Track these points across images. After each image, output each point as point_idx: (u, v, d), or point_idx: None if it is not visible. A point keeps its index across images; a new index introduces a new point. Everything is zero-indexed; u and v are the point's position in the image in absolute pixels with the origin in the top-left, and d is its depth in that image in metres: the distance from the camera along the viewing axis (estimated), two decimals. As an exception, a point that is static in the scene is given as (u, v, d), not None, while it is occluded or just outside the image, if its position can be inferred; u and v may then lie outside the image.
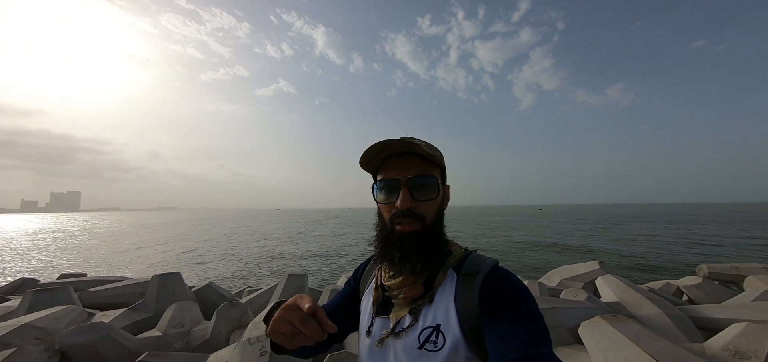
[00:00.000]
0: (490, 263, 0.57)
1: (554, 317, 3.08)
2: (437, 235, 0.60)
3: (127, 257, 17.29)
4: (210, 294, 3.95)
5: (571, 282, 5.18)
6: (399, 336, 0.54)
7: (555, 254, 15.40)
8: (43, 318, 2.56)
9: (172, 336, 2.51)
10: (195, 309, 3.12)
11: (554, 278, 5.50)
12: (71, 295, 3.48)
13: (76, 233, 37.53)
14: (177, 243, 23.66)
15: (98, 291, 4.16)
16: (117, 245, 23.61)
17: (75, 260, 16.85)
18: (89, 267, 14.10)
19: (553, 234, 24.71)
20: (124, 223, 63.51)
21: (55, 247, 22.81)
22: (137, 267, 14.20)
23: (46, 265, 15.24)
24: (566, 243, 19.47)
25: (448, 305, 0.53)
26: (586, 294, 3.92)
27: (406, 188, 0.56)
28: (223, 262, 15.08)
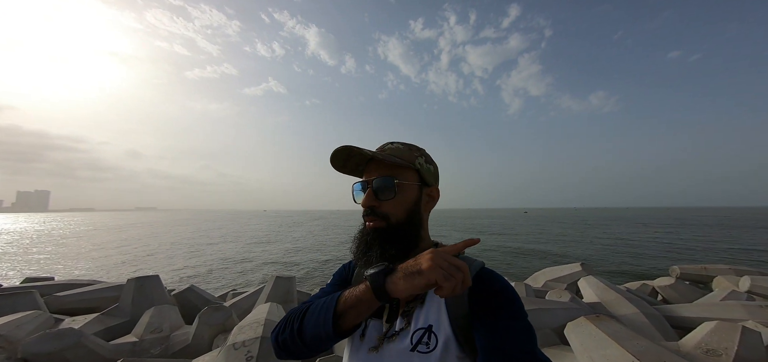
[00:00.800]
0: (478, 264, 0.60)
1: (540, 318, 3.16)
2: (404, 232, 0.63)
3: (97, 260, 16.30)
4: (192, 297, 3.78)
5: (555, 284, 5.35)
6: (392, 339, 0.56)
7: (539, 257, 15.85)
8: (4, 325, 2.35)
9: (149, 341, 2.37)
10: (175, 313, 2.97)
11: (540, 279, 5.66)
12: (36, 300, 3.23)
13: (43, 234, 35.07)
14: (152, 245, 22.56)
15: (67, 295, 3.88)
16: (86, 246, 22.23)
17: (42, 263, 15.72)
18: (57, 271, 13.19)
19: (537, 237, 25.47)
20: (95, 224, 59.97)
21: (18, 249, 21.21)
22: (110, 270, 13.41)
23: (9, 268, 14.13)
24: (549, 246, 20.11)
25: (440, 306, 0.56)
26: (569, 295, 4.04)
27: (371, 189, 0.63)
28: (205, 264, 14.51)
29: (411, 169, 0.65)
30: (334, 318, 0.52)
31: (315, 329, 0.55)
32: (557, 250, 18.23)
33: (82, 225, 52.87)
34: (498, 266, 13.19)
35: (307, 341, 0.56)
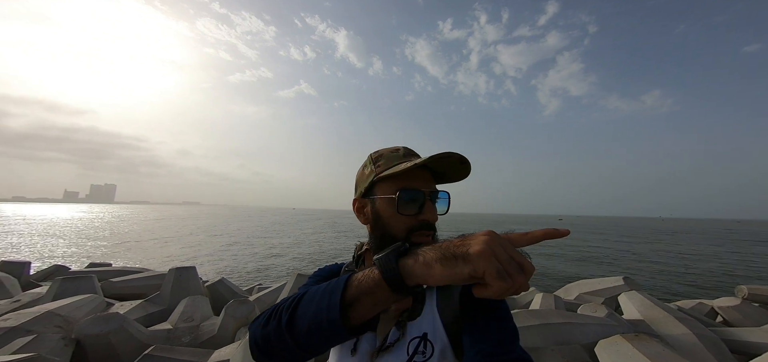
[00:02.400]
0: None
1: (569, 332, 2.92)
2: None
3: (148, 249, 18.24)
4: (222, 289, 4.06)
5: (591, 297, 4.92)
6: (387, 351, 0.53)
7: (574, 267, 14.72)
8: (65, 306, 2.70)
9: (181, 330, 2.58)
10: (206, 303, 3.20)
11: (572, 291, 5.25)
12: (94, 285, 3.67)
13: (107, 223, 40.12)
14: (197, 237, 24.74)
15: (119, 281, 4.38)
16: (142, 236, 25.01)
17: (105, 249, 17.97)
18: (116, 257, 14.97)
19: (572, 246, 23.64)
20: (150, 216, 67.27)
21: (88, 236, 24.48)
22: (158, 259, 14.93)
23: (80, 253, 16.36)
24: (586, 257, 18.57)
25: (433, 313, 0.55)
26: (606, 311, 3.70)
27: (430, 201, 0.58)
28: (236, 258, 15.56)
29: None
30: (343, 306, 0.39)
31: (315, 318, 0.40)
32: (596, 262, 16.78)
33: (139, 217, 59.72)
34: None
35: (300, 336, 0.41)
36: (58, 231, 27.36)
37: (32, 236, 23.26)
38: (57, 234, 24.79)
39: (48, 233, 25.69)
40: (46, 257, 14.60)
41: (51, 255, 15.38)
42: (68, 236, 23.59)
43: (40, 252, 16.21)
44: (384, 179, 0.60)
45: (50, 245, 19.13)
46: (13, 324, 2.10)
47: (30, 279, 5.18)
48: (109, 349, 2.02)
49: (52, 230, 27.80)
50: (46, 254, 15.80)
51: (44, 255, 15.29)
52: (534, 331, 2.89)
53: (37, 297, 3.33)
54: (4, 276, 4.11)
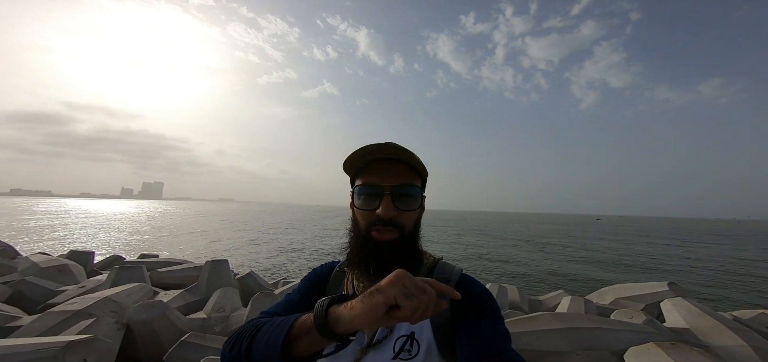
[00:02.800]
0: (458, 270, 0.62)
1: (598, 338, 2.76)
2: (414, 244, 0.61)
3: (189, 241, 19.98)
4: (250, 282, 4.36)
5: (629, 302, 4.57)
6: (374, 348, 0.55)
7: (613, 272, 13.61)
8: (120, 293, 3.08)
9: (214, 319, 2.83)
10: (236, 295, 3.46)
11: (607, 296, 4.90)
12: (144, 274, 4.13)
13: (155, 217, 44.54)
14: (232, 231, 26.62)
15: (164, 271, 4.88)
16: (185, 230, 27.46)
17: (152, 241, 20.01)
18: (161, 249, 16.61)
19: (611, 248, 21.84)
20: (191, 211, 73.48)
21: (139, 229, 27.40)
22: (196, 251, 16.31)
23: (133, 244, 18.38)
24: (627, 260, 17.06)
25: None
26: (644, 317, 3.43)
27: (389, 197, 0.56)
28: (263, 252, 16.50)
29: (420, 176, 0.62)
30: (285, 342, 0.45)
31: (265, 350, 0.46)
32: (637, 266, 15.34)
33: (181, 212, 65.58)
34: (548, 280, 11.83)
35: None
36: (116, 225, 30.92)
37: (95, 228, 26.55)
38: (115, 228, 28.03)
39: (108, 226, 29.14)
40: (106, 248, 16.62)
41: (110, 246, 17.46)
42: (124, 230, 26.58)
43: (101, 243, 18.47)
44: (355, 175, 0.62)
45: (109, 237, 21.72)
46: (78, 308, 2.45)
47: (94, 267, 5.96)
48: (153, 335, 2.28)
49: (111, 224, 31.50)
50: (107, 245, 17.97)
51: (105, 246, 17.40)
52: (557, 335, 2.76)
53: (98, 284, 3.83)
54: (74, 264, 4.78)
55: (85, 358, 1.44)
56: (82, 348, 1.50)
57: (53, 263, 4.54)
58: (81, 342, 1.52)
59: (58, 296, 3.56)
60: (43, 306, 3.31)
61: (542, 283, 11.13)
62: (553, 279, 11.63)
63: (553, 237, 30.70)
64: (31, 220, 32.75)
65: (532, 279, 11.86)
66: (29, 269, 4.29)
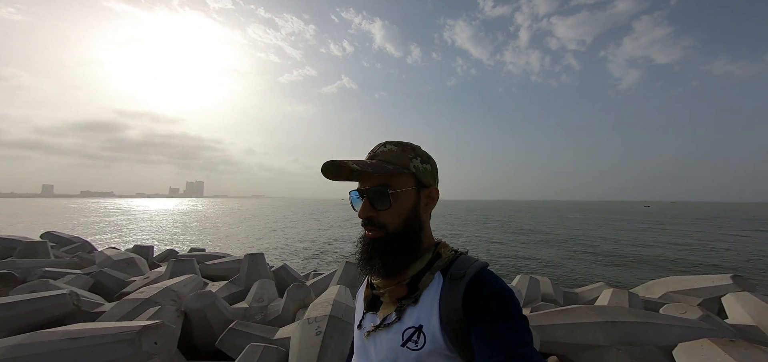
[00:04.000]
0: (476, 266, 0.59)
1: (643, 333, 2.59)
2: (405, 240, 0.62)
3: (229, 236, 21.72)
4: (284, 274, 4.68)
5: (683, 297, 4.18)
6: (383, 330, 0.59)
7: (662, 263, 12.36)
8: (178, 283, 3.50)
9: (254, 309, 3.12)
10: (272, 286, 3.76)
11: (657, 289, 4.51)
12: (195, 266, 4.63)
13: (200, 214, 48.90)
14: (266, 226, 28.43)
15: (211, 264, 5.42)
16: (225, 224, 29.89)
17: (198, 236, 22.06)
18: (206, 243, 18.25)
19: (660, 239, 19.75)
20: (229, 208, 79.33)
21: (187, 225, 30.33)
22: (235, 245, 17.69)
23: (183, 239, 20.43)
24: (680, 250, 15.36)
25: (432, 307, 0.57)
26: (700, 313, 3.14)
27: (367, 199, 0.62)
28: (293, 245, 17.42)
29: (406, 173, 0.63)
30: None
31: None
32: (694, 257, 13.73)
33: (219, 209, 71.19)
34: (586, 271, 11.02)
35: None
36: (168, 222, 34.46)
37: (151, 224, 29.90)
38: (166, 225, 31.27)
39: (161, 223, 32.60)
40: (161, 242, 18.66)
41: (164, 241, 19.58)
42: (174, 226, 29.59)
43: (156, 238, 20.77)
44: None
45: (163, 232, 24.33)
46: (146, 296, 2.85)
47: (153, 260, 6.79)
48: (205, 322, 2.59)
49: (163, 221, 35.19)
50: (161, 239, 20.18)
51: (160, 241, 19.55)
52: (595, 328, 2.64)
53: (159, 275, 4.37)
54: (138, 257, 5.49)
55: (156, 341, 1.71)
56: (153, 333, 1.77)
57: (122, 257, 5.26)
58: (152, 327, 1.80)
59: (129, 286, 4.14)
60: (118, 294, 3.87)
61: (579, 275, 10.48)
62: (591, 271, 10.87)
63: (590, 227, 28.49)
64: (101, 218, 37.79)
65: (568, 270, 11.19)
66: (105, 262, 5.01)
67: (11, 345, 1.32)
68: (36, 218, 36.74)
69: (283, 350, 2.10)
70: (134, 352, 1.58)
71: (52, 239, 7.13)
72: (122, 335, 1.64)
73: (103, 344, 1.55)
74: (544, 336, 2.57)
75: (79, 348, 1.48)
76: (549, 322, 2.70)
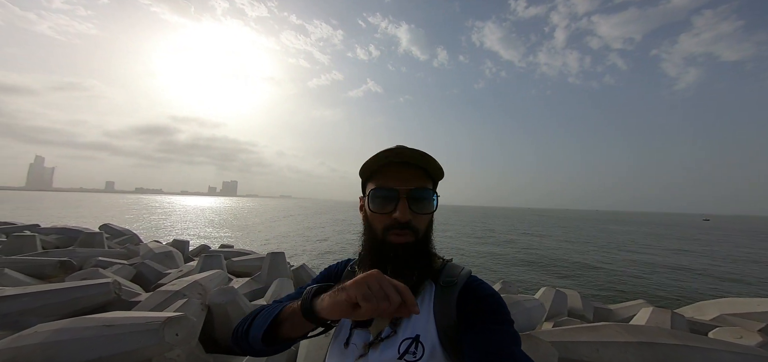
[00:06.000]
0: (466, 273, 0.60)
1: (685, 357, 2.31)
2: (428, 246, 0.62)
3: (255, 234, 22.93)
4: (303, 274, 4.84)
5: (740, 320, 3.68)
6: (377, 346, 0.56)
7: (719, 284, 10.92)
8: (205, 277, 3.76)
9: (271, 306, 3.25)
10: (290, 286, 3.91)
11: (709, 310, 4.00)
12: (222, 262, 4.94)
13: (234, 212, 52.26)
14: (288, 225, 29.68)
15: (236, 260, 5.76)
16: (251, 222, 31.67)
17: (228, 233, 23.57)
18: (234, 239, 19.45)
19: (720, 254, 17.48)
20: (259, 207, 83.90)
21: (221, 222, 32.57)
22: (259, 242, 18.64)
23: (213, 235, 21.96)
24: (741, 268, 13.47)
25: (428, 315, 0.56)
26: (759, 340, 2.75)
27: (406, 200, 0.57)
28: (313, 244, 17.93)
29: (433, 179, 0.63)
30: (273, 324, 0.54)
31: (256, 330, 0.55)
32: (757, 278, 11.93)
33: (251, 207, 75.57)
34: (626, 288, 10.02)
35: (250, 341, 0.57)
36: (205, 218, 37.25)
37: (190, 221, 32.53)
38: (203, 221, 33.82)
39: (199, 219, 35.32)
40: (197, 237, 20.22)
41: (199, 236, 21.19)
42: (210, 222, 31.94)
43: (193, 233, 22.54)
44: (368, 178, 0.64)
45: (199, 228, 26.35)
46: (176, 289, 3.10)
47: (189, 254, 7.37)
48: (226, 317, 2.75)
49: (201, 217, 38.10)
50: (198, 235, 21.86)
51: (195, 236, 21.19)
52: (627, 349, 2.39)
53: (191, 269, 4.73)
54: (175, 251, 5.99)
55: (177, 333, 1.84)
56: (176, 324, 1.92)
57: (162, 250, 5.78)
58: (174, 319, 1.95)
59: (165, 278, 4.53)
60: (154, 285, 4.26)
61: (618, 291, 9.57)
62: (631, 290, 9.88)
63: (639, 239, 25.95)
64: (148, 213, 41.86)
65: (603, 284, 10.28)
66: (147, 254, 5.54)
67: (54, 330, 1.51)
68: (97, 212, 41.69)
69: (293, 348, 2.17)
70: (157, 342, 1.72)
71: (108, 231, 8.03)
72: (148, 325, 1.80)
73: (132, 332, 1.71)
74: (565, 352, 2.37)
75: (111, 335, 1.65)
76: (572, 338, 2.49)
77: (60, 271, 3.59)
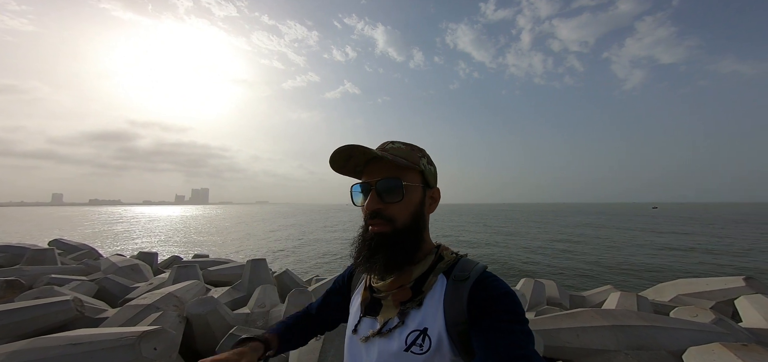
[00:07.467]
0: (479, 268, 0.59)
1: (651, 336, 2.55)
2: (410, 237, 0.61)
3: (231, 242, 21.80)
4: (286, 280, 4.67)
5: (694, 300, 4.10)
6: (385, 336, 0.57)
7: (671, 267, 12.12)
8: (180, 289, 3.51)
9: (256, 314, 3.10)
10: (274, 292, 3.75)
11: (667, 292, 4.42)
12: (197, 272, 4.64)
13: (206, 221, 49.25)
14: (266, 231, 28.56)
15: (213, 270, 5.43)
16: (228, 231, 30.04)
17: (201, 242, 22.18)
18: (209, 249, 18.33)
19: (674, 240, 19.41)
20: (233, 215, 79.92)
21: (191, 231, 30.55)
22: (238, 251, 17.75)
23: (185, 245, 20.55)
24: (693, 253, 15.07)
25: (437, 309, 0.56)
26: (713, 316, 3.08)
27: (375, 191, 0.61)
28: (295, 250, 17.43)
29: (415, 170, 0.63)
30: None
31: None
32: (706, 260, 13.47)
33: (224, 215, 71.73)
34: (593, 275, 10.85)
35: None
36: (172, 228, 34.76)
37: (156, 232, 30.16)
38: (172, 231, 31.53)
39: (166, 230, 32.88)
40: (165, 248, 18.79)
41: (168, 247, 19.71)
42: (178, 232, 29.82)
43: (161, 244, 20.93)
44: (359, 177, 0.69)
45: (167, 239, 24.51)
46: (148, 302, 2.86)
47: (158, 266, 6.82)
48: (207, 327, 2.58)
49: (168, 228, 35.48)
50: (166, 245, 20.32)
51: (164, 247, 19.69)
52: (604, 332, 2.59)
53: (162, 281, 4.38)
54: (142, 264, 5.52)
55: (155, 347, 1.70)
56: (153, 338, 1.77)
57: (127, 263, 5.30)
58: (151, 333, 1.79)
59: (132, 292, 4.15)
60: (122, 300, 3.89)
61: (587, 277, 10.30)
62: (598, 275, 10.70)
63: (594, 229, 28.06)
64: (107, 226, 38.23)
65: (574, 273, 11.01)
66: (110, 268, 5.05)
67: (10, 352, 1.33)
68: (44, 227, 37.32)
69: (283, 355, 2.09)
70: (134, 358, 1.57)
71: (60, 247, 7.21)
72: (122, 340, 1.64)
73: (103, 349, 1.55)
74: (549, 340, 2.51)
75: (79, 353, 1.48)
76: (554, 326, 2.64)
77: (7, 291, 3.17)
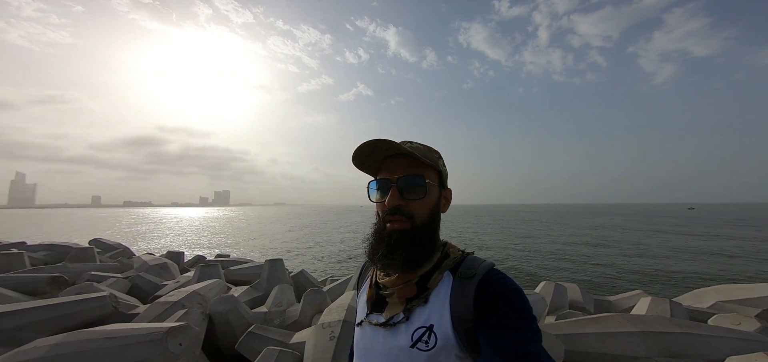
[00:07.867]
0: (486, 265, 0.58)
1: (689, 344, 2.38)
2: (427, 235, 0.62)
3: (251, 243, 22.61)
4: (302, 279, 4.78)
5: (737, 307, 3.77)
6: (390, 329, 0.57)
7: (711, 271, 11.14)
8: (204, 287, 3.69)
9: (273, 313, 3.20)
10: (291, 292, 3.85)
11: (706, 298, 4.09)
12: (219, 272, 4.86)
13: (227, 222, 51.46)
14: (284, 232, 29.36)
15: (234, 269, 5.66)
16: (248, 231, 31.23)
17: (223, 242, 23.18)
18: (231, 249, 19.11)
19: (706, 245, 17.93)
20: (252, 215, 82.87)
21: (215, 232, 32.04)
22: (257, 251, 18.37)
23: (209, 245, 21.56)
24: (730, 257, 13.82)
25: (443, 306, 0.56)
26: (758, 324, 2.82)
27: (396, 188, 0.60)
28: (311, 251, 17.76)
29: (434, 170, 0.64)
30: None
31: None
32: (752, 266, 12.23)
33: (244, 216, 74.60)
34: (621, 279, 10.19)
35: None
36: (197, 229, 36.60)
37: (183, 232, 31.90)
38: (196, 231, 33.21)
39: (191, 230, 34.68)
40: (191, 248, 19.81)
41: (194, 247, 20.77)
42: (203, 233, 31.37)
43: (187, 244, 22.09)
44: (376, 173, 0.69)
45: (193, 239, 25.85)
46: (175, 299, 3.03)
47: (184, 265, 7.21)
48: (228, 325, 2.70)
49: (193, 228, 37.40)
50: (191, 245, 21.43)
51: (190, 247, 20.76)
52: (632, 339, 2.44)
53: (188, 280, 4.63)
54: (170, 263, 5.86)
55: (181, 342, 1.80)
56: (179, 334, 1.88)
57: (157, 262, 5.64)
58: (177, 329, 1.90)
59: (161, 289, 4.42)
60: (152, 296, 4.15)
61: (613, 281, 9.72)
62: (626, 279, 10.05)
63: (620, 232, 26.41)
64: (141, 226, 40.92)
65: (599, 277, 10.43)
66: (142, 267, 5.40)
67: (52, 344, 1.46)
68: (86, 227, 40.54)
69: (297, 354, 2.14)
70: (161, 352, 1.68)
71: (99, 246, 7.82)
72: (151, 335, 1.75)
73: (135, 344, 1.66)
74: (571, 345, 2.40)
75: (114, 347, 1.60)
76: (577, 330, 2.52)
77: (52, 287, 3.48)
